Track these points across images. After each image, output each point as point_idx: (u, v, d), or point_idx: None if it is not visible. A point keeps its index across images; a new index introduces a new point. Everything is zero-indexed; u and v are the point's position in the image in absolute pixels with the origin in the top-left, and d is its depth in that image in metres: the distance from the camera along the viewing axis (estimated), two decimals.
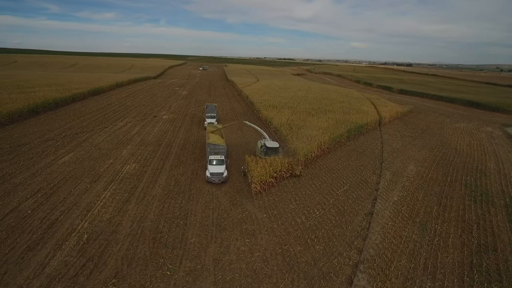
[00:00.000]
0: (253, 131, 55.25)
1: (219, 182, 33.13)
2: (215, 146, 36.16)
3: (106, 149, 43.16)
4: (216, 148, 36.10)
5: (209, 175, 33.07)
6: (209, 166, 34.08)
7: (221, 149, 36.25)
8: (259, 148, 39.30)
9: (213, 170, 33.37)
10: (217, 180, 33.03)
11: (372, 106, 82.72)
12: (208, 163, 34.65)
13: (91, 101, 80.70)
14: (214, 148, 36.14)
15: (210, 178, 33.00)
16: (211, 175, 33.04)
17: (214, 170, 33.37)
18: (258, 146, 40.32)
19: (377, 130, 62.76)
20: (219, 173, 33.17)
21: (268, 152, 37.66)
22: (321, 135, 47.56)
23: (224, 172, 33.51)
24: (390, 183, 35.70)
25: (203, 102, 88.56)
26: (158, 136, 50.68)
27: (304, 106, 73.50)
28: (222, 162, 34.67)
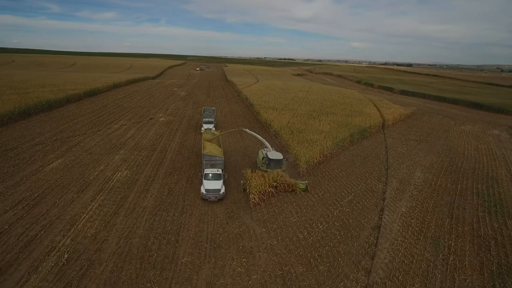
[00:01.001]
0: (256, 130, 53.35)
1: (216, 199, 29.48)
2: (211, 158, 32.73)
3: (98, 154, 41.07)
4: (213, 160, 32.61)
5: (204, 192, 29.47)
6: (204, 181, 30.32)
7: (218, 161, 32.83)
8: (260, 160, 35.69)
9: (209, 186, 29.75)
10: (213, 198, 29.39)
11: (375, 108, 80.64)
12: (203, 177, 30.85)
13: (87, 102, 78.60)
14: (210, 159, 32.66)
15: (205, 195, 29.42)
16: (206, 192, 29.41)
17: (210, 186, 29.74)
18: (259, 156, 36.76)
19: (381, 134, 60.65)
20: (216, 190, 29.49)
21: (270, 165, 33.92)
22: (323, 139, 45.48)
23: (222, 188, 29.84)
24: (397, 192, 33.60)
25: (202, 103, 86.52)
26: (153, 140, 48.59)
27: (305, 108, 71.42)
28: (219, 177, 30.93)
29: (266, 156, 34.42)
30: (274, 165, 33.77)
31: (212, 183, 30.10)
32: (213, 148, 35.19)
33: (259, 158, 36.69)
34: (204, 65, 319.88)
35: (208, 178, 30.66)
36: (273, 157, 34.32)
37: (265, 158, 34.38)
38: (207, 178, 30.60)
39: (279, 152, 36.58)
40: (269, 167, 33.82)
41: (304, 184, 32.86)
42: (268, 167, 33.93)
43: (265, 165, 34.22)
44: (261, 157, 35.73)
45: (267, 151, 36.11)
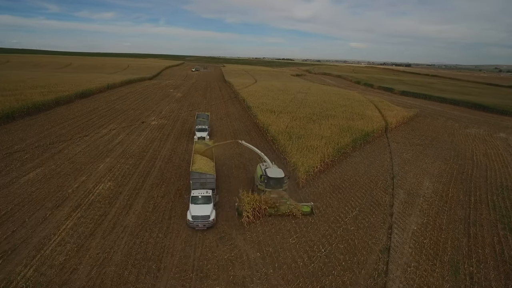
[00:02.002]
0: (253, 135, 50.37)
1: (204, 228, 24.82)
2: (201, 176, 28.31)
3: (81, 163, 38.01)
4: (203, 178, 28.28)
5: (190, 219, 24.86)
6: (191, 206, 25.73)
7: (209, 180, 28.49)
8: (258, 177, 30.64)
9: (197, 211, 25.13)
10: (201, 226, 24.72)
11: (377, 110, 77.73)
12: (190, 200, 26.35)
13: (78, 104, 75.50)
14: (199, 178, 28.29)
15: (192, 222, 24.76)
16: (193, 219, 24.79)
17: (198, 211, 25.12)
18: (257, 173, 31.82)
19: (384, 138, 57.75)
20: (205, 216, 24.92)
21: (270, 183, 29.18)
22: (323, 146, 42.48)
23: (211, 214, 25.29)
24: (405, 206, 30.66)
25: (197, 105, 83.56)
26: (143, 147, 45.55)
27: (304, 111, 68.45)
28: (208, 200, 26.42)
29: (265, 174, 29.64)
30: (274, 184, 29.15)
31: (200, 208, 25.50)
32: (204, 163, 30.65)
33: (257, 175, 31.78)
34: (202, 65, 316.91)
35: (195, 201, 26.20)
36: (273, 175, 29.41)
37: (263, 176, 29.63)
38: (195, 202, 26.13)
39: (279, 168, 31.39)
40: (268, 186, 29.21)
41: (309, 206, 28.12)
42: (267, 186, 29.27)
43: (264, 184, 29.49)
44: (259, 173, 30.85)
45: (266, 166, 31.39)
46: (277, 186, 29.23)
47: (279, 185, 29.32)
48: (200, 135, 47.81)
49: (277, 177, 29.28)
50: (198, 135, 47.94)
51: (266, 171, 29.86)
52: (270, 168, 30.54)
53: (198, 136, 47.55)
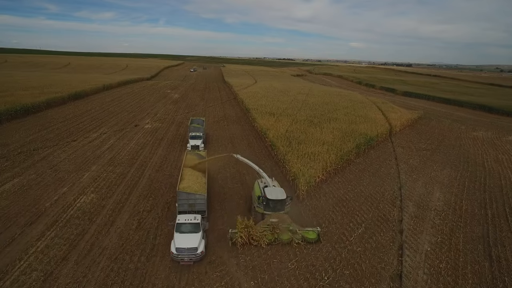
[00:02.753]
0: (251, 139, 47.68)
1: (190, 262, 20.75)
2: (189, 196, 24.12)
3: (65, 171, 35.31)
4: (191, 199, 24.13)
5: (174, 252, 20.68)
6: (175, 235, 21.57)
7: (198, 201, 24.33)
8: (256, 198, 26.30)
9: (182, 243, 20.88)
10: (187, 259, 20.61)
11: (380, 112, 74.93)
12: (175, 228, 22.10)
13: (70, 106, 72.81)
14: (188, 198, 24.14)
15: (177, 256, 20.62)
16: (177, 252, 20.65)
17: (183, 243, 20.85)
18: (255, 191, 27.78)
19: (388, 142, 54.98)
20: (192, 249, 20.70)
21: (269, 205, 25.03)
22: (325, 152, 39.71)
23: (200, 246, 21.05)
24: (416, 221, 27.88)
25: (194, 107, 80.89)
26: (133, 153, 42.82)
27: (305, 113, 65.67)
28: (197, 228, 22.05)
29: (264, 195, 25.41)
30: (274, 206, 25.01)
31: (186, 238, 21.18)
32: (194, 181, 26.54)
33: (254, 193, 27.65)
34: (201, 65, 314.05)
35: (181, 229, 21.89)
36: (273, 196, 25.03)
37: (262, 197, 25.46)
38: (180, 230, 21.87)
39: (280, 188, 27.18)
40: (268, 208, 25.08)
41: (315, 232, 23.80)
42: (266, 208, 25.14)
43: (262, 206, 25.40)
44: (257, 192, 26.88)
45: (264, 184, 27.27)
46: (277, 208, 25.06)
47: (280, 208, 25.17)
48: (194, 143, 43.37)
49: (277, 199, 24.96)
50: (192, 143, 43.47)
51: (265, 191, 25.54)
52: (269, 188, 26.17)
53: (192, 145, 43.21)
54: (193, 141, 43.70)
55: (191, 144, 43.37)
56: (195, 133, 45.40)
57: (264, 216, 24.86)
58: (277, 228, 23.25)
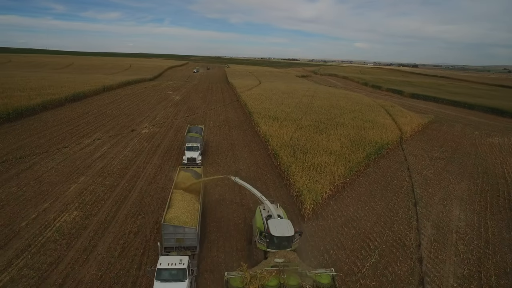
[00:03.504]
0: (253, 147, 44.69)
1: None
2: (177, 230, 19.89)
3: (50, 183, 32.51)
4: (179, 233, 19.94)
5: None
6: (156, 285, 17.77)
7: (188, 235, 20.08)
8: (257, 230, 21.63)
9: None
10: None
11: (389, 116, 71.63)
12: (155, 275, 18.08)
13: (66, 109, 70.27)
14: (175, 232, 19.89)
15: None
16: None
17: None
18: (256, 220, 22.97)
19: (399, 150, 51.71)
20: None
21: (274, 242, 20.08)
22: (333, 163, 36.58)
23: None
24: (436, 247, 24.69)
25: (196, 109, 78.05)
26: (126, 161, 39.96)
27: (310, 118, 62.51)
28: (182, 275, 18.04)
29: (267, 231, 20.31)
30: (279, 243, 20.13)
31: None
32: (184, 208, 22.15)
33: (255, 222, 22.79)
34: (205, 65, 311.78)
35: (162, 277, 17.90)
36: (279, 232, 19.99)
37: (265, 233, 20.49)
38: (161, 278, 17.87)
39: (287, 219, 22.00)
40: (271, 246, 20.24)
41: (329, 275, 18.64)
42: (269, 246, 20.30)
43: (266, 243, 20.47)
44: (258, 222, 22.29)
45: (268, 213, 22.68)
46: (283, 245, 20.26)
47: (286, 244, 20.32)
48: (190, 156, 38.45)
49: (284, 236, 20.03)
50: (188, 156, 38.53)
51: (268, 225, 20.58)
52: (273, 221, 21.09)
53: (188, 157, 38.34)
54: (190, 153, 38.91)
55: (187, 156, 38.57)
56: (192, 144, 40.63)
57: (267, 255, 20.23)
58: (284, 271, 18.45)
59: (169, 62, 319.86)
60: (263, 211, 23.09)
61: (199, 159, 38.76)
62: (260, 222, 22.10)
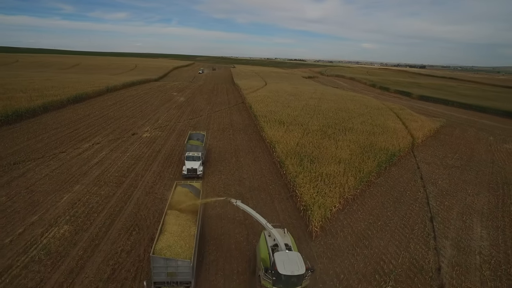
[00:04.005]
0: (258, 153, 42.60)
1: None
2: (168, 263, 17.33)
3: (42, 192, 30.73)
4: (171, 266, 17.38)
5: None
6: None
7: (181, 269, 17.50)
8: (261, 266, 18.68)
9: None
10: None
11: (399, 120, 69.10)
12: None
13: (68, 111, 68.83)
14: (166, 265, 17.42)
15: None
16: None
17: None
18: (259, 248, 20.31)
19: (411, 157, 49.24)
20: None
21: (281, 279, 17.21)
22: (342, 173, 34.35)
23: None
24: (459, 272, 22.31)
25: (200, 112, 76.22)
26: (124, 168, 38.09)
27: (317, 122, 60.23)
28: None
29: (274, 268, 17.43)
30: (287, 281, 17.23)
31: None
32: (178, 235, 19.22)
33: (259, 251, 20.09)
34: (211, 66, 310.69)
35: None
36: (287, 270, 17.05)
37: (272, 271, 17.54)
38: None
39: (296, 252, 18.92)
40: (278, 284, 17.34)
41: None
42: (276, 284, 17.37)
43: (272, 281, 17.52)
44: (263, 251, 19.50)
45: (274, 244, 19.56)
46: (292, 283, 17.32)
47: (296, 282, 17.38)
48: (191, 166, 35.45)
49: (294, 275, 17.04)
50: (188, 166, 35.48)
51: (276, 261, 17.54)
52: (280, 254, 18.03)
53: (188, 168, 35.31)
54: (190, 163, 35.88)
55: (187, 166, 35.54)
56: (193, 153, 37.50)
57: None
58: None
59: (175, 62, 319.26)
60: (268, 238, 20.17)
61: (200, 170, 35.88)
62: (265, 253, 19.17)
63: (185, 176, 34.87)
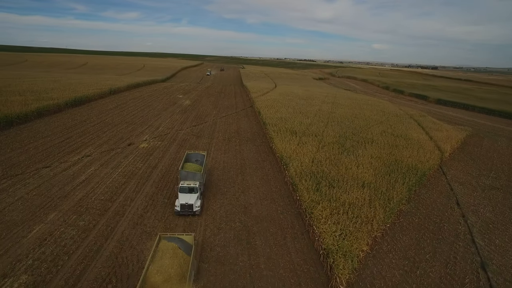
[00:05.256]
0: (267, 169, 37.16)
1: None
2: None
3: (9, 222, 25.74)
4: None
5: None
6: None
7: None
8: None
9: None
10: None
11: (421, 129, 62.97)
12: None
13: (64, 116, 64.27)
14: None
15: None
16: None
17: None
18: None
19: (440, 173, 43.31)
20: None
21: None
22: (368, 201, 28.66)
23: None
24: None
25: (205, 117, 71.17)
26: (113, 189, 32.96)
27: (333, 131, 54.43)
28: None
29: None
30: None
31: None
32: None
33: None
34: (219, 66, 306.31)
35: None
36: None
37: None
38: None
39: None
40: None
41: None
42: None
43: None
44: None
45: None
46: None
47: None
48: (185, 201, 27.47)
49: None
50: (182, 201, 27.54)
51: None
52: None
53: (182, 203, 27.43)
54: (184, 197, 27.89)
55: (180, 201, 27.57)
56: (188, 183, 29.21)
57: None
58: None
59: (184, 62, 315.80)
60: None
61: (197, 206, 27.94)
62: None
63: (178, 213, 27.82)
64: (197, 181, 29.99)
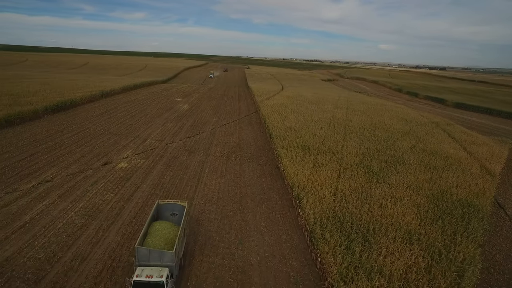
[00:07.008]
0: (275, 205, 27.86)
1: None
2: None
3: None
4: None
5: None
6: None
7: None
8: None
9: None
10: None
11: (455, 142, 53.39)
12: None
13: (40, 124, 55.60)
14: None
15: None
16: None
17: None
18: None
19: (495, 206, 33.71)
20: None
21: None
22: (424, 271, 19.20)
23: None
24: None
25: (203, 125, 62.40)
26: (63, 238, 23.83)
27: (353, 147, 44.88)
28: None
29: None
30: None
31: None
32: None
33: None
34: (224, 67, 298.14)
35: None
36: None
37: None
38: None
39: None
40: None
41: None
42: None
43: None
44: None
45: None
46: None
47: None
48: None
49: None
50: None
51: None
52: None
53: None
54: None
55: None
56: (149, 276, 16.92)
57: None
58: None
59: (188, 62, 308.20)
60: None
61: None
62: None
63: None
64: (166, 265, 17.95)
